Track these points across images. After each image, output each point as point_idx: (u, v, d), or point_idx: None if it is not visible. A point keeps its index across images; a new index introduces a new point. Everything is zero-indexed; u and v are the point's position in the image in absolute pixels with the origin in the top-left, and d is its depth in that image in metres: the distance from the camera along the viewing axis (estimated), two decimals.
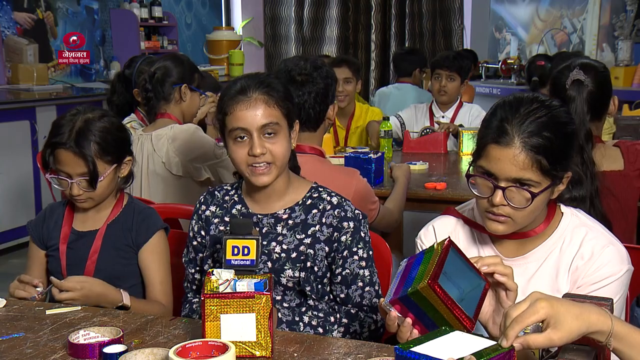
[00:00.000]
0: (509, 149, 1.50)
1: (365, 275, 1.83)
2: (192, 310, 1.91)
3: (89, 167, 1.92)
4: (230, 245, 1.52)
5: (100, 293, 1.85)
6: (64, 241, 2.02)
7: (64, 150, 1.92)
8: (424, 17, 7.70)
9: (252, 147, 1.75)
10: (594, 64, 2.40)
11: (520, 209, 1.54)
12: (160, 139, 2.85)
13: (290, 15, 8.08)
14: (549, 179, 1.53)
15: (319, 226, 1.81)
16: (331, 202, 1.83)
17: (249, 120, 1.75)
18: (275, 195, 1.84)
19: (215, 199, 1.91)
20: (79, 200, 1.97)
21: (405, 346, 1.14)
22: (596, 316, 1.20)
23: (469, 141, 3.75)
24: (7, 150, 4.92)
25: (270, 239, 1.82)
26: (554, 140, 1.51)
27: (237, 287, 1.45)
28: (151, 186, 2.88)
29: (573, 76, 2.30)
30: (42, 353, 1.48)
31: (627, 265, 1.58)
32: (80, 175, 1.93)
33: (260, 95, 1.76)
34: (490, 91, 6.70)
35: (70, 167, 1.93)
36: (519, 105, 1.55)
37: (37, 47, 6.15)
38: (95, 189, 1.95)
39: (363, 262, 1.82)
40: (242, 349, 1.42)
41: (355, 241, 1.82)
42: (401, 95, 4.90)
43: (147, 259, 2.02)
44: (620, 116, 4.26)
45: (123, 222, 2.03)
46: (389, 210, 2.65)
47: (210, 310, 1.41)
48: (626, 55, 6.31)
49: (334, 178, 2.24)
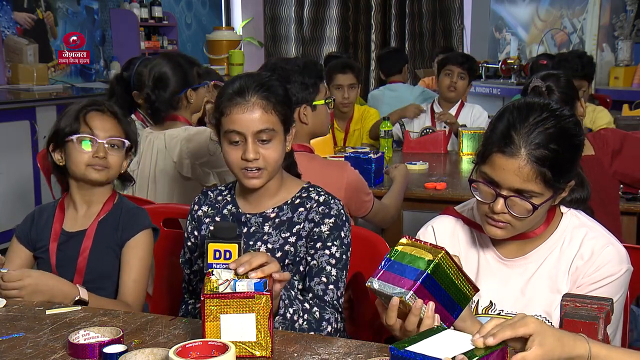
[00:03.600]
0: (515, 160, 1.49)
1: (331, 274, 1.76)
2: (187, 311, 1.91)
3: (120, 130, 2.01)
4: (211, 249, 1.52)
5: (53, 286, 1.81)
6: (55, 239, 2.01)
7: (98, 113, 2.01)
8: (424, 17, 7.70)
9: (245, 151, 1.73)
10: (553, 73, 2.61)
11: (520, 218, 1.53)
12: (173, 139, 2.83)
13: (290, 15, 8.09)
14: (551, 191, 1.52)
15: (304, 223, 1.80)
16: (318, 200, 1.81)
17: (245, 124, 1.73)
18: (267, 195, 1.84)
19: (208, 199, 1.92)
20: (98, 166, 1.98)
21: (400, 345, 1.14)
22: (573, 342, 1.22)
23: (469, 141, 3.75)
24: (7, 150, 4.92)
25: (257, 238, 1.81)
26: (561, 152, 1.50)
27: (237, 287, 1.45)
28: (157, 185, 2.87)
29: (533, 82, 2.50)
30: (42, 353, 1.48)
31: (626, 265, 1.58)
32: (111, 137, 2.00)
33: (258, 100, 1.74)
34: (490, 91, 6.70)
35: (101, 129, 1.99)
36: (529, 112, 1.52)
37: (37, 47, 6.14)
38: (123, 149, 2.02)
39: (334, 260, 1.77)
40: (242, 349, 1.42)
41: (332, 237, 1.78)
42: (395, 95, 4.91)
43: (126, 254, 1.99)
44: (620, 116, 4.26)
45: (112, 221, 2.02)
46: (384, 205, 2.65)
47: (210, 310, 1.41)
48: (626, 55, 6.31)
49: (325, 173, 2.24)
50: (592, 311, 1.34)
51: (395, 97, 4.90)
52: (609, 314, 1.36)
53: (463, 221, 1.74)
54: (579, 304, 1.35)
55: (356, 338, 1.68)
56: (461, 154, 3.77)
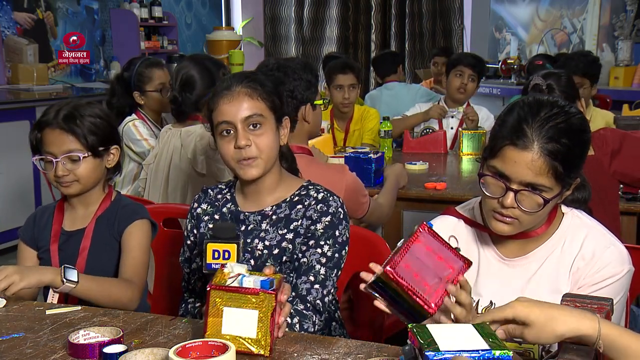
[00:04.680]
0: (527, 153, 1.48)
1: (319, 273, 1.74)
2: (186, 310, 1.91)
3: (76, 142, 1.93)
4: (210, 249, 1.52)
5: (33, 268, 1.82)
6: (55, 240, 2.01)
7: (50, 129, 1.94)
8: (424, 17, 7.71)
9: (237, 139, 1.74)
10: (553, 71, 2.62)
11: (530, 212, 1.53)
12: (189, 135, 2.85)
13: (290, 15, 8.09)
14: (560, 185, 1.52)
15: (301, 220, 1.79)
16: (317, 197, 1.81)
17: (232, 113, 1.74)
18: (265, 191, 1.84)
19: (207, 196, 1.92)
20: (64, 183, 1.95)
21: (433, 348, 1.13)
22: (578, 320, 1.22)
23: (469, 141, 3.75)
24: (7, 150, 4.92)
25: (254, 236, 1.81)
26: (572, 147, 1.50)
27: (244, 282, 1.45)
28: (171, 182, 2.88)
29: (534, 81, 2.50)
30: (42, 353, 1.48)
31: (628, 266, 1.58)
32: (65, 153, 1.93)
33: (243, 89, 1.75)
34: (490, 91, 6.70)
35: (56, 146, 1.93)
36: (540, 108, 1.52)
37: (37, 47, 6.15)
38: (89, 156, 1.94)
39: (324, 259, 1.75)
40: (240, 344, 1.42)
41: (326, 236, 1.76)
42: (393, 94, 4.92)
43: (124, 241, 1.98)
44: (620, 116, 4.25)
45: (109, 216, 2.02)
46: (378, 204, 2.66)
47: (214, 301, 1.41)
48: (626, 55, 6.31)
49: (324, 176, 2.24)
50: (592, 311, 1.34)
51: (392, 95, 4.91)
52: (609, 314, 1.36)
53: (464, 221, 1.73)
54: (579, 304, 1.35)
55: (356, 338, 1.68)
56: (461, 154, 3.76)
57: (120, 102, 3.44)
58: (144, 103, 3.42)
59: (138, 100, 3.42)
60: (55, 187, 2.00)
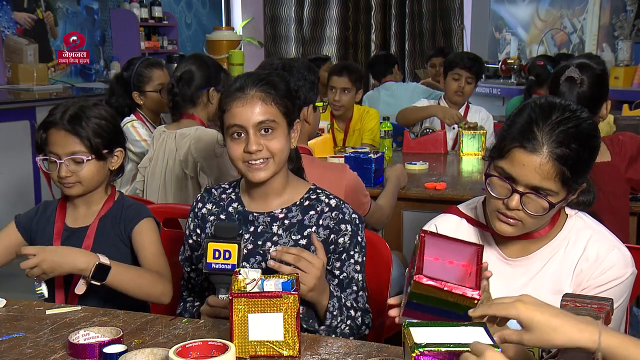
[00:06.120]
0: (536, 157, 1.48)
1: (359, 280, 1.81)
2: (185, 309, 1.91)
3: (80, 144, 1.93)
4: (211, 249, 1.52)
5: (67, 253, 1.82)
6: (58, 237, 2.01)
7: (55, 129, 1.94)
8: (424, 17, 7.71)
9: (247, 143, 1.73)
10: (591, 65, 2.45)
11: (534, 215, 1.53)
12: (184, 138, 2.84)
13: (290, 15, 8.10)
14: (566, 190, 1.52)
15: (315, 227, 1.79)
16: (329, 204, 1.82)
17: (245, 117, 1.73)
18: (272, 193, 1.83)
19: (212, 196, 1.91)
20: (67, 184, 1.95)
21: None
22: (579, 332, 1.19)
23: (469, 141, 3.75)
24: (7, 150, 4.92)
25: (266, 238, 1.81)
26: (581, 152, 1.49)
27: (265, 286, 1.45)
28: (167, 184, 2.88)
29: (568, 73, 2.39)
30: (42, 353, 1.48)
31: (631, 268, 1.58)
32: (69, 155, 1.93)
33: (257, 93, 1.74)
34: (490, 91, 6.70)
35: (60, 147, 1.93)
36: (551, 110, 1.51)
37: (37, 47, 6.15)
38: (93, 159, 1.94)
39: (358, 266, 1.81)
40: (269, 348, 1.42)
41: (353, 245, 1.80)
42: (390, 94, 4.93)
43: (136, 241, 1.99)
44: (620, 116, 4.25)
45: (113, 217, 2.02)
46: (379, 206, 2.66)
47: (238, 309, 1.41)
48: (626, 55, 6.30)
49: (325, 175, 2.24)
50: (592, 311, 1.34)
51: (390, 95, 4.92)
52: (609, 314, 1.36)
53: (467, 220, 1.73)
54: (579, 304, 1.34)
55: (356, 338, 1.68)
56: (461, 154, 3.76)
57: (119, 102, 3.44)
58: (143, 103, 3.42)
59: (137, 100, 3.41)
60: (58, 187, 2.00)
